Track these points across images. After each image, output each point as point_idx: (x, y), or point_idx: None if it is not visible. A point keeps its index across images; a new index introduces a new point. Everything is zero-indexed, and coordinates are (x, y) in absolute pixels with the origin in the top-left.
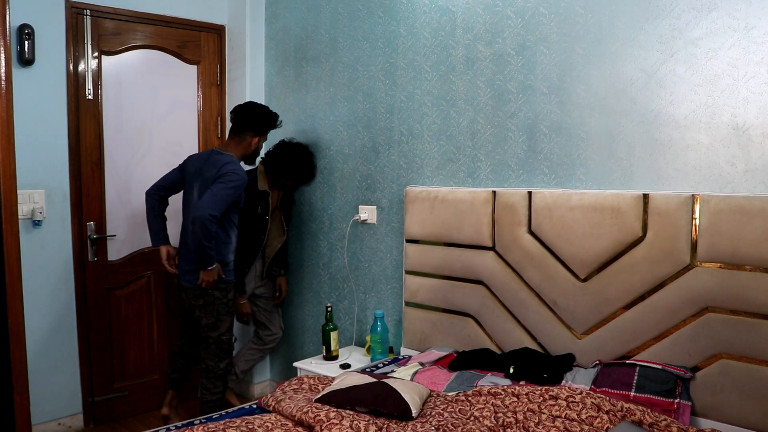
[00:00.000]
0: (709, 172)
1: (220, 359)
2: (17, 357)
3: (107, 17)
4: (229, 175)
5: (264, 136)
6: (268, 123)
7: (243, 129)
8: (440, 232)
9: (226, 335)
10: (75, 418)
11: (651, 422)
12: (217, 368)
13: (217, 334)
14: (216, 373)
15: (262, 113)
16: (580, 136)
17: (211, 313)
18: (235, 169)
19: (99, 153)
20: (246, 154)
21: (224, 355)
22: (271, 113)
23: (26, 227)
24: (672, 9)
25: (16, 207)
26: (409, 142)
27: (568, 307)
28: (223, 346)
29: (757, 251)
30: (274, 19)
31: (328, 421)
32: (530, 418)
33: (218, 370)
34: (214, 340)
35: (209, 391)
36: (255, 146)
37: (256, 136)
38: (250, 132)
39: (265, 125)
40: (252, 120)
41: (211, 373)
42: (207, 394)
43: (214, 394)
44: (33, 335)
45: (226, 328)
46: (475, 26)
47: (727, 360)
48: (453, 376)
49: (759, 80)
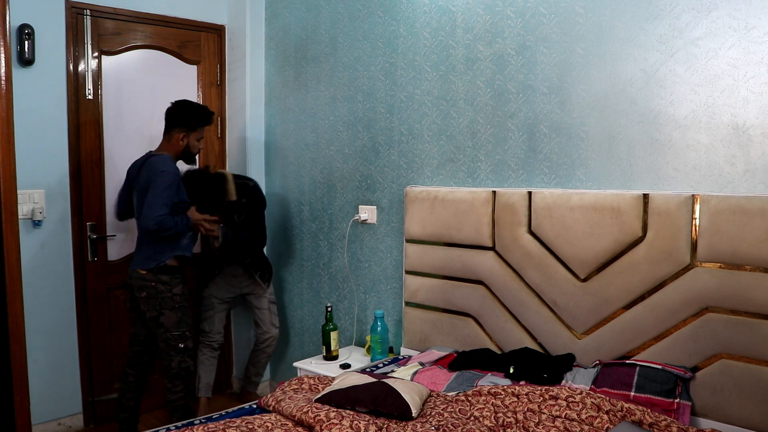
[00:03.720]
0: (709, 172)
1: (170, 357)
2: (17, 357)
3: (107, 17)
4: (158, 177)
5: (197, 132)
6: (197, 118)
7: (171, 126)
8: (440, 232)
9: (173, 331)
10: (75, 418)
11: (651, 422)
12: (170, 367)
13: (163, 331)
14: (170, 372)
15: (190, 109)
16: (580, 136)
17: (153, 307)
18: (163, 169)
19: (99, 153)
20: (177, 151)
21: (174, 353)
22: (199, 108)
23: (26, 227)
24: (672, 9)
25: (16, 207)
26: (409, 142)
27: (568, 307)
28: (170, 343)
29: (757, 251)
30: (274, 19)
31: (328, 421)
32: (530, 418)
33: (171, 369)
34: (162, 338)
35: (170, 391)
36: (185, 143)
37: (184, 132)
38: (178, 128)
39: (193, 121)
40: (178, 116)
41: (167, 372)
42: (169, 394)
43: (174, 393)
44: (33, 335)
45: (173, 323)
46: (475, 26)
47: (727, 360)
48: (453, 376)
49: (759, 80)
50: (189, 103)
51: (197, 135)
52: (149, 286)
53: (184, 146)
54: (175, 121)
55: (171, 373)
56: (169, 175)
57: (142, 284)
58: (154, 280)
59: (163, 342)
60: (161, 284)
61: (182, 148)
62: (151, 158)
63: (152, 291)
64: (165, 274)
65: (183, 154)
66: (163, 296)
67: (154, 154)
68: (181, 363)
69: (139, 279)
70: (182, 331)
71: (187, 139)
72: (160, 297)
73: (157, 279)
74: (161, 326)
